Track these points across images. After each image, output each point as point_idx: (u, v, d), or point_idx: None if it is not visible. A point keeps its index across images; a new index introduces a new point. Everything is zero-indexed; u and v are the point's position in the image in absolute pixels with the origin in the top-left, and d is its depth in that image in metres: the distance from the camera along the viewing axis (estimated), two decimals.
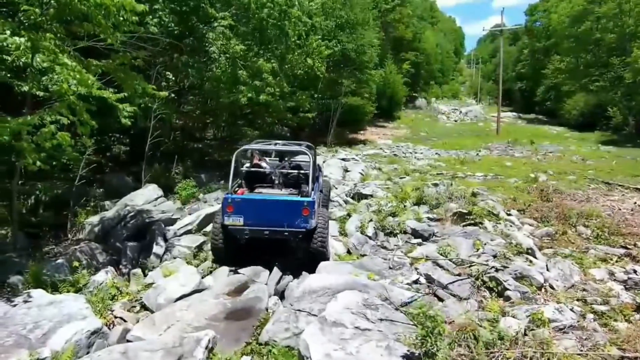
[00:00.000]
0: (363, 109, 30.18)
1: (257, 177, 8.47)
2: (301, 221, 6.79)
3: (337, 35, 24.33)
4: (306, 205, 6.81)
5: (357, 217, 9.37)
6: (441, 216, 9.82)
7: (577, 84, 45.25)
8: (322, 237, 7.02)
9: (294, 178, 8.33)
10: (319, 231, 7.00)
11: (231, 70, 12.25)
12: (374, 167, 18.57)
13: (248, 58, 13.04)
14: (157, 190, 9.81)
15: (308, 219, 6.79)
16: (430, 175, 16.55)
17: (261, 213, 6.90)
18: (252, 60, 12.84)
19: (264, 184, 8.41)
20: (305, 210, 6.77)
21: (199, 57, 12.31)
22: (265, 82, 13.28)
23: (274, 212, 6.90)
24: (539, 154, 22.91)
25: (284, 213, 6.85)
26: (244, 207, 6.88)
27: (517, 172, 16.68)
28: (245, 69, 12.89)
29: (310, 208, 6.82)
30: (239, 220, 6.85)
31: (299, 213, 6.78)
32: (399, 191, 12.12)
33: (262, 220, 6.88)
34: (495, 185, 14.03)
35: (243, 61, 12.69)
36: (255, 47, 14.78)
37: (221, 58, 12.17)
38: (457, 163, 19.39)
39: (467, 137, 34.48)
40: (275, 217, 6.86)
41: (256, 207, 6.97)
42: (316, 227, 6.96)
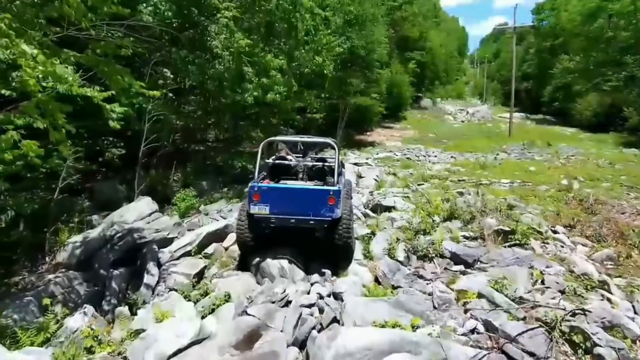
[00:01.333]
0: (372, 109, 28.85)
1: (282, 169, 8.53)
2: (327, 210, 6.79)
3: (345, 31, 23.00)
4: (332, 194, 6.80)
5: (383, 235, 8.05)
6: (479, 234, 8.50)
7: (589, 84, 43.98)
8: (347, 227, 7.00)
9: (318, 170, 8.45)
10: (344, 221, 6.98)
11: (236, 66, 10.95)
12: (389, 172, 17.25)
13: (254, 54, 11.73)
14: (151, 204, 8.50)
15: (334, 208, 6.79)
16: (450, 181, 15.23)
17: (287, 202, 6.90)
18: (258, 56, 11.53)
19: (288, 176, 8.45)
20: (331, 199, 6.78)
21: (200, 53, 11.03)
22: (273, 80, 11.97)
23: (300, 201, 6.89)
24: (560, 157, 21.56)
25: (310, 202, 6.85)
26: (271, 195, 6.89)
27: (544, 178, 15.35)
28: (251, 65, 11.58)
29: (336, 197, 6.81)
30: (265, 209, 6.86)
31: (325, 202, 6.78)
32: (423, 202, 10.82)
33: (288, 209, 6.87)
34: (525, 193, 12.70)
35: (249, 57, 11.39)
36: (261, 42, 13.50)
37: (224, 53, 10.85)
38: (476, 167, 18.04)
39: (478, 139, 33.09)
40: (301, 206, 6.86)
41: (282, 195, 6.98)
42: (341, 217, 6.94)
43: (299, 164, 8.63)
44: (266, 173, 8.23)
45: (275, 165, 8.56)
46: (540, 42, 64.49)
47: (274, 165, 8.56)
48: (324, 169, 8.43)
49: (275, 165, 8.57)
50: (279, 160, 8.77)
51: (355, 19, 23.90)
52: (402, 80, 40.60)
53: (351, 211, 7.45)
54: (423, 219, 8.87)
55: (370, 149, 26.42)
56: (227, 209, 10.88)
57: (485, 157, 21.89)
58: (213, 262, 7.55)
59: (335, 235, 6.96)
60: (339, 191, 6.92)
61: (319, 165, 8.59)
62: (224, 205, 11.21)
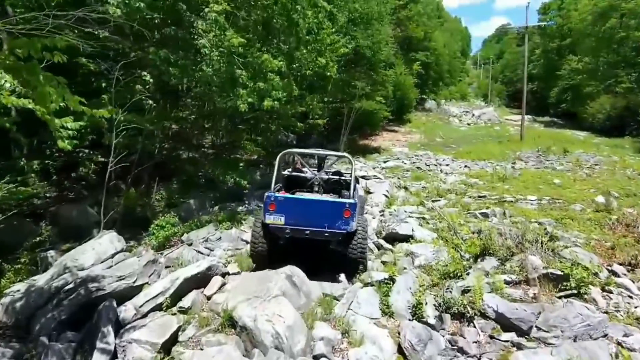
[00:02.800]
0: (377, 113, 27.19)
1: (297, 181, 8.55)
2: (342, 223, 6.83)
3: (350, 31, 21.36)
4: (348, 207, 6.84)
5: (404, 282, 6.41)
6: (522, 276, 6.88)
7: (600, 86, 42.42)
8: (361, 241, 7.03)
9: (333, 184, 8.51)
10: (358, 235, 7.00)
11: (226, 68, 9.33)
12: (399, 186, 15.63)
13: (249, 54, 10.11)
14: (116, 242, 6.85)
15: (349, 221, 6.82)
16: (469, 197, 13.60)
17: (303, 213, 6.94)
18: (254, 56, 9.90)
19: (304, 189, 8.43)
20: (346, 212, 6.80)
21: (185, 53, 9.42)
22: (270, 84, 10.34)
23: (316, 213, 6.92)
24: (583, 166, 19.91)
25: (326, 214, 6.88)
26: (286, 206, 6.93)
27: (575, 194, 13.72)
28: (245, 67, 9.97)
29: (352, 210, 6.82)
30: (281, 219, 6.91)
31: (341, 215, 6.82)
32: (446, 229, 9.19)
33: (303, 220, 6.90)
34: (559, 214, 11.06)
35: (242, 58, 9.77)
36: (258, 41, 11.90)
37: (213, 53, 9.24)
38: (495, 179, 16.41)
39: (489, 144, 31.45)
40: (317, 217, 6.88)
41: (298, 206, 7.02)
42: (356, 231, 6.96)
43: (315, 176, 8.54)
44: (281, 185, 8.18)
45: (291, 177, 8.61)
46: (547, 43, 63.12)
47: (289, 177, 8.60)
48: (339, 182, 8.51)
49: (291, 177, 8.62)
50: (295, 172, 8.79)
51: (360, 18, 22.28)
52: (406, 81, 38.98)
53: (366, 226, 7.45)
54: (451, 257, 7.23)
55: (376, 156, 24.79)
56: (215, 237, 9.27)
57: (502, 166, 20.27)
58: (190, 318, 5.93)
59: (350, 248, 6.99)
60: (355, 204, 6.91)
61: (334, 179, 8.64)
62: (212, 231, 9.59)
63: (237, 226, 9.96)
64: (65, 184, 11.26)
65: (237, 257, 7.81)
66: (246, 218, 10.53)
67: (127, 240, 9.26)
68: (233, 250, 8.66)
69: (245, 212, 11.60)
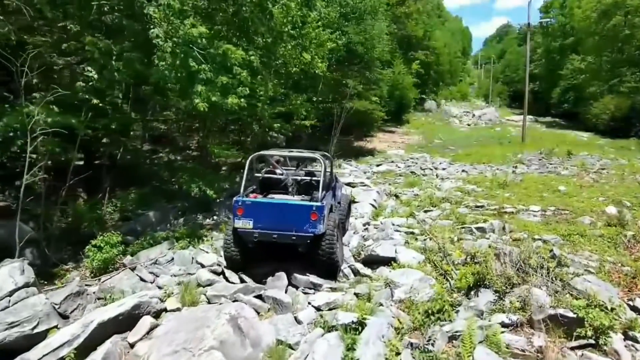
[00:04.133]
0: (371, 114, 25.84)
1: (272, 183, 8.44)
2: (309, 226, 6.76)
3: (341, 26, 20.07)
4: (315, 209, 6.76)
5: (376, 327, 5.09)
6: (524, 317, 5.57)
7: (604, 85, 41.15)
8: (330, 242, 6.91)
9: (307, 185, 8.38)
10: (327, 237, 6.90)
11: (181, 62, 8.03)
12: (389, 193, 14.29)
13: (212, 46, 8.79)
14: (18, 275, 5.51)
15: (316, 223, 6.75)
16: (465, 207, 12.28)
17: (270, 216, 6.92)
18: (215, 47, 8.58)
19: (278, 190, 8.33)
20: (313, 215, 6.73)
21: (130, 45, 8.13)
22: (238, 79, 9.04)
23: (283, 216, 6.88)
24: (589, 170, 18.55)
25: (293, 217, 6.82)
26: (254, 210, 6.92)
27: (582, 204, 12.36)
28: (207, 61, 8.66)
29: (319, 213, 6.76)
30: (249, 224, 6.89)
31: (307, 217, 6.74)
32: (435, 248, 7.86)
33: (271, 223, 6.87)
34: (566, 229, 9.71)
35: (202, 50, 8.46)
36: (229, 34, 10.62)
37: (166, 45, 7.94)
38: (495, 186, 15.07)
39: (489, 146, 30.13)
40: (284, 220, 6.84)
41: (265, 210, 7.01)
42: (325, 232, 6.89)
43: (288, 178, 8.44)
44: (256, 187, 8.19)
45: (265, 179, 8.48)
46: (549, 42, 61.93)
47: (263, 179, 8.47)
48: (312, 183, 8.31)
49: (265, 179, 8.48)
50: (269, 174, 8.63)
51: (352, 12, 20.99)
52: (405, 81, 37.71)
53: (336, 226, 7.27)
54: (437, 292, 5.90)
55: (369, 159, 23.49)
56: (166, 258, 7.97)
57: (502, 170, 18.94)
58: None
59: (319, 251, 6.89)
60: (322, 207, 6.82)
61: (307, 180, 8.51)
62: (165, 251, 8.29)
63: (196, 244, 8.66)
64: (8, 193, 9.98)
65: (184, 286, 6.50)
66: (209, 234, 9.22)
67: (65, 262, 8.03)
68: (184, 275, 7.36)
69: (212, 225, 10.32)
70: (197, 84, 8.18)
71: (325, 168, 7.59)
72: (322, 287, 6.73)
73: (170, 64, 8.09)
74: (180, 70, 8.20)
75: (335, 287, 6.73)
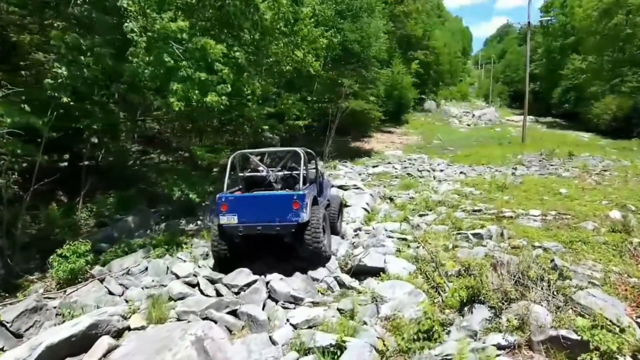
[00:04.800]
0: (368, 114, 25.28)
1: (256, 181, 8.51)
2: (292, 215, 6.87)
3: (336, 23, 19.54)
4: (296, 198, 6.87)
5: (357, 352, 4.55)
6: (522, 338, 5.04)
7: (606, 85, 40.64)
8: (315, 231, 7.01)
9: (289, 179, 8.46)
10: (312, 225, 7.01)
11: (156, 58, 7.50)
12: (383, 196, 13.76)
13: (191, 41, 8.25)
14: None
15: (299, 212, 6.85)
16: (462, 211, 11.75)
17: (254, 210, 7.03)
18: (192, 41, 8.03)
19: (263, 187, 8.35)
20: (295, 204, 6.84)
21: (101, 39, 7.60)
22: (220, 76, 8.51)
23: (266, 208, 7.01)
24: (591, 172, 18.00)
25: (275, 208, 6.95)
26: (237, 205, 7.05)
27: (585, 208, 11.81)
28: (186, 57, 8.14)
29: (301, 201, 6.86)
30: (234, 219, 7.00)
31: (289, 207, 6.86)
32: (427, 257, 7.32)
33: (254, 216, 6.98)
34: (568, 236, 9.17)
35: (180, 45, 7.93)
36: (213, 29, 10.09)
37: (141, 39, 7.42)
38: (493, 189, 14.52)
39: (488, 146, 29.58)
40: (267, 212, 6.96)
41: (249, 204, 7.14)
42: (309, 221, 7.00)
43: (270, 175, 8.47)
44: (241, 186, 8.38)
45: (249, 178, 8.55)
46: (549, 42, 61.44)
47: (247, 178, 8.55)
48: (294, 177, 8.30)
49: (249, 177, 8.57)
50: (253, 172, 8.68)
51: (348, 9, 20.45)
52: (404, 81, 37.18)
53: (320, 215, 7.35)
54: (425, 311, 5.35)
55: (365, 160, 22.94)
56: (139, 268, 7.44)
57: (501, 172, 18.40)
58: None
59: (305, 240, 6.99)
60: (302, 195, 6.93)
61: (288, 174, 8.57)
62: (139, 259, 7.76)
63: (174, 252, 8.14)
64: None
65: (153, 300, 5.97)
66: (189, 241, 8.69)
67: (31, 273, 7.50)
68: (157, 287, 6.83)
69: (195, 230, 9.79)
70: (172, 82, 7.65)
71: (304, 160, 7.72)
72: (304, 301, 6.20)
73: (144, 60, 7.55)
74: (157, 67, 7.67)
75: (317, 302, 6.21)
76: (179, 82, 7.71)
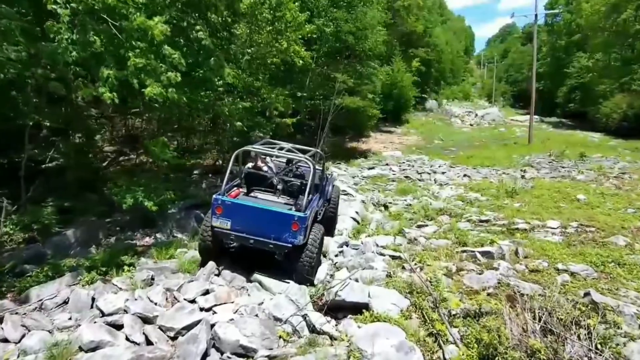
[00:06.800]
0: (364, 112, 23.64)
1: (257, 179, 8.10)
2: (289, 236, 6.45)
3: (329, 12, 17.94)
4: (296, 220, 6.41)
5: None
6: None
7: (615, 83, 38.99)
8: (310, 257, 6.55)
9: (294, 186, 7.96)
10: (308, 249, 6.57)
11: (80, 36, 5.90)
12: (376, 203, 12.14)
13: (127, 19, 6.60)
14: None
15: (297, 234, 6.43)
16: (467, 220, 10.14)
17: (249, 220, 6.61)
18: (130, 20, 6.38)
19: (264, 186, 8.05)
20: (294, 225, 6.41)
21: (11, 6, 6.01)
22: (170, 62, 6.89)
23: (262, 222, 6.57)
24: (608, 174, 16.35)
25: (272, 224, 6.52)
26: (233, 211, 6.65)
27: (609, 216, 10.21)
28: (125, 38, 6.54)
29: (301, 224, 6.42)
30: (227, 224, 6.65)
31: (288, 227, 6.43)
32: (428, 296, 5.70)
33: (249, 227, 6.61)
34: (597, 255, 7.55)
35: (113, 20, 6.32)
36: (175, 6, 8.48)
37: (65, 13, 5.83)
38: (502, 194, 12.89)
39: (493, 147, 27.95)
40: (263, 227, 6.56)
41: (245, 213, 6.66)
42: (305, 244, 6.58)
43: (274, 176, 8.15)
44: (240, 181, 7.98)
45: (250, 174, 8.12)
46: (554, 40, 59.77)
47: (248, 174, 8.10)
48: (300, 185, 7.83)
49: (250, 174, 8.12)
50: (255, 169, 8.25)
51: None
52: (404, 79, 35.57)
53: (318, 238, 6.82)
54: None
55: (361, 161, 21.34)
56: (56, 301, 5.84)
57: (509, 174, 16.78)
58: None
59: (297, 262, 6.51)
60: (304, 218, 6.44)
61: (293, 182, 8.04)
62: (63, 287, 6.15)
63: (113, 274, 6.56)
64: None
65: (51, 355, 4.37)
66: (134, 261, 7.09)
67: None
68: (72, 329, 5.23)
69: (147, 247, 8.20)
70: (102, 68, 6.05)
71: (314, 174, 7.03)
72: (257, 354, 4.59)
73: (67, 39, 5.95)
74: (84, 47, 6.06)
75: (275, 355, 4.58)
76: (109, 69, 6.11)
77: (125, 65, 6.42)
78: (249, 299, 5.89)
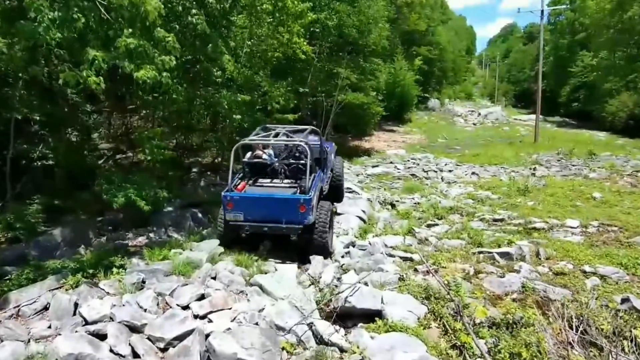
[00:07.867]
0: (368, 109, 23.05)
1: (260, 167, 8.32)
2: (299, 217, 6.83)
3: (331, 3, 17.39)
4: (302, 202, 6.79)
5: None
6: None
7: (621, 82, 38.44)
8: (322, 231, 7.05)
9: (294, 169, 8.20)
10: (319, 225, 7.04)
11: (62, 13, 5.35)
12: (383, 201, 11.58)
13: None
14: None
15: (306, 215, 6.82)
16: (479, 219, 9.59)
17: (260, 210, 6.99)
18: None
19: (266, 174, 8.27)
20: (302, 207, 6.78)
21: None
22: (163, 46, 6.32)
23: (272, 209, 6.96)
24: (623, 173, 15.75)
25: (282, 210, 6.91)
26: (243, 204, 6.98)
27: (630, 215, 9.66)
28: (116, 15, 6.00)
29: (307, 205, 6.78)
30: (240, 217, 6.98)
31: (296, 210, 6.81)
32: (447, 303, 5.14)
33: (261, 216, 6.97)
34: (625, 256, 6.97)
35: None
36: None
37: None
38: (514, 192, 12.31)
39: (499, 146, 27.36)
40: (274, 213, 6.92)
41: (254, 204, 7.06)
42: (315, 221, 7.00)
43: (275, 162, 8.30)
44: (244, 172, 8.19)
45: (251, 164, 8.31)
46: (557, 39, 59.11)
47: (250, 164, 8.31)
48: (298, 167, 8.08)
49: (251, 163, 8.31)
50: (255, 159, 8.38)
51: None
52: (407, 77, 35.00)
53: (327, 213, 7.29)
54: None
55: (364, 159, 20.78)
56: (35, 307, 5.29)
57: (518, 172, 16.21)
58: None
59: (312, 238, 7.03)
60: (309, 199, 6.80)
61: (294, 164, 8.25)
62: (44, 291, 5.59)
63: (101, 277, 6.01)
64: None
65: None
66: (125, 262, 6.52)
67: None
68: (51, 339, 4.68)
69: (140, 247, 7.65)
70: (87, 49, 5.49)
71: (311, 154, 7.34)
72: None
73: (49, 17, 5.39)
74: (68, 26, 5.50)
75: None
76: (98, 49, 5.55)
77: (114, 46, 5.86)
78: (248, 304, 5.31)
